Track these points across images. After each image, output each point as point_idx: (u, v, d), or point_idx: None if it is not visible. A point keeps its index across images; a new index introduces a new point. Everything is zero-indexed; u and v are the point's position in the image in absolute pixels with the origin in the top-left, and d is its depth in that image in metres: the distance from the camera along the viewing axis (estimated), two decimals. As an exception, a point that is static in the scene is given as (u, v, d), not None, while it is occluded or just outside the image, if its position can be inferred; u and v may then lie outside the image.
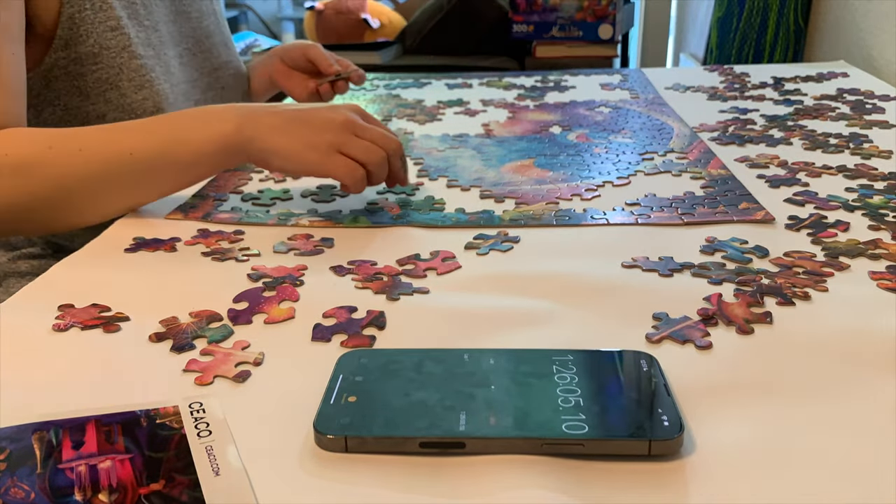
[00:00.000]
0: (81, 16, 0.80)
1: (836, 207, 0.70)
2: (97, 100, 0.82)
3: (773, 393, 0.44)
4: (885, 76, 1.27)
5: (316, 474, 0.39)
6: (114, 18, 0.82)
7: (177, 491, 0.37)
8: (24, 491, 0.37)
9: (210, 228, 0.70)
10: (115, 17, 0.82)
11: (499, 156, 0.89)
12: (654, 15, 2.91)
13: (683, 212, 0.70)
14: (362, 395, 0.43)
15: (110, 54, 0.82)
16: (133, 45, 0.84)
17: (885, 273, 0.58)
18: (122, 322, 0.54)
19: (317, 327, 0.53)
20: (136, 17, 0.86)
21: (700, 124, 0.98)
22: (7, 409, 0.44)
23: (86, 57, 0.81)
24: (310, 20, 2.78)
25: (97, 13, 0.81)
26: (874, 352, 0.47)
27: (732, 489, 0.37)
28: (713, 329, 0.51)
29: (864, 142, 0.88)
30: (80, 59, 0.81)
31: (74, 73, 0.81)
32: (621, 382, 0.44)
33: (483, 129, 1.01)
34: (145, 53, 0.86)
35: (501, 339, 0.50)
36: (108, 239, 0.68)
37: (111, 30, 0.82)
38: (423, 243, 0.66)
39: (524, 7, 2.16)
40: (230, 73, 1.05)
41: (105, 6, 0.81)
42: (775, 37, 1.67)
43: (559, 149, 0.91)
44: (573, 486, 0.37)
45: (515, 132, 0.99)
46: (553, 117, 1.06)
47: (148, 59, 0.86)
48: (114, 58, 0.82)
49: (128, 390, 0.46)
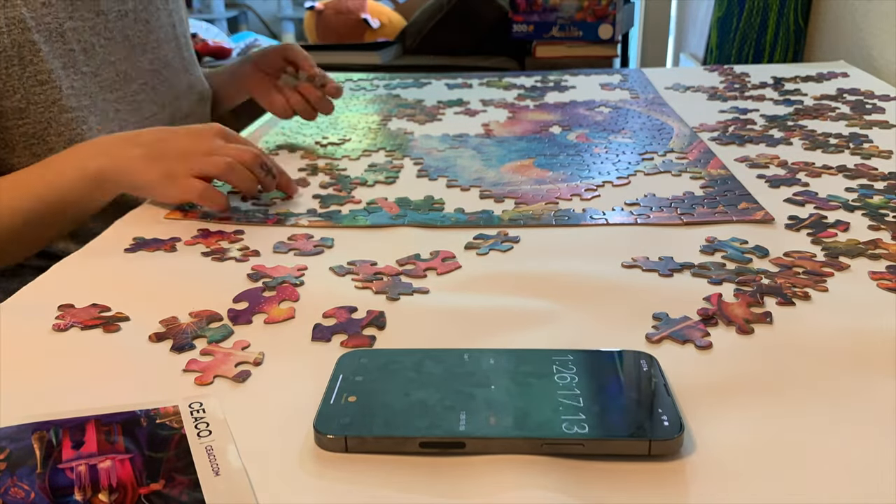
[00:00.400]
0: (8, 71, 0.77)
1: (836, 207, 0.70)
2: (23, 153, 0.80)
3: (772, 393, 0.44)
4: (885, 76, 1.27)
5: (316, 474, 0.39)
6: (44, 72, 0.79)
7: (177, 491, 0.37)
8: (24, 491, 0.37)
9: (210, 228, 0.70)
10: (46, 70, 0.80)
11: (499, 156, 0.89)
12: (654, 15, 2.91)
13: (683, 212, 0.70)
14: (362, 395, 0.43)
15: (38, 109, 0.80)
16: (63, 97, 0.81)
17: (885, 273, 0.58)
18: (122, 322, 0.54)
19: (317, 327, 0.53)
20: (72, 66, 0.83)
21: (700, 124, 0.98)
22: (7, 409, 0.44)
23: (11, 112, 0.78)
24: (310, 20, 2.78)
25: (25, 67, 0.78)
26: (874, 352, 0.47)
27: (732, 489, 0.37)
28: (713, 329, 0.51)
29: (864, 142, 0.88)
30: (5, 114, 0.78)
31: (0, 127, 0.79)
32: (621, 382, 0.44)
33: (483, 129, 1.01)
34: (78, 105, 0.83)
35: (501, 339, 0.50)
36: (108, 239, 0.68)
37: (40, 84, 0.79)
38: (423, 243, 0.66)
39: (524, 7, 2.16)
40: (193, 98, 1.04)
41: (35, 59, 0.79)
42: (775, 37, 1.67)
43: (559, 149, 0.91)
44: (573, 486, 0.37)
45: (515, 132, 0.99)
46: (553, 117, 1.06)
47: (80, 111, 0.83)
48: (41, 112, 0.80)
49: (128, 390, 0.46)
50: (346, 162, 0.89)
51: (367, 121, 1.08)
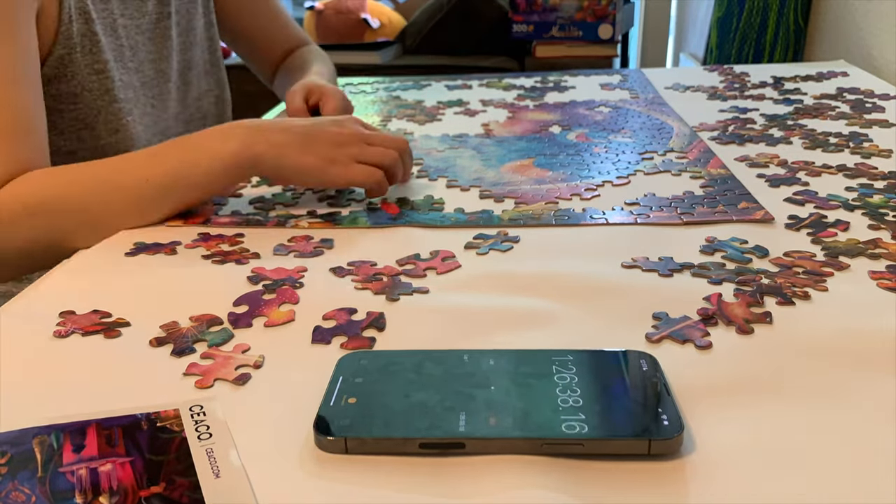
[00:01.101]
0: (71, 57, 0.80)
1: (836, 207, 0.70)
2: (70, 137, 0.83)
3: (772, 393, 0.44)
4: (885, 75, 1.27)
5: (316, 475, 0.39)
6: (101, 62, 0.83)
7: (177, 493, 0.37)
8: (24, 495, 0.37)
9: (210, 232, 0.70)
10: (103, 60, 0.83)
11: (498, 156, 0.89)
12: (654, 15, 2.91)
13: (683, 211, 0.70)
14: (362, 397, 0.43)
15: (91, 96, 0.83)
16: (115, 88, 0.85)
17: (885, 273, 0.58)
18: (123, 328, 0.54)
19: (317, 329, 0.53)
20: (121, 60, 0.87)
21: (700, 124, 0.98)
22: (8, 414, 0.44)
23: (66, 96, 0.81)
24: (310, 20, 2.78)
25: (86, 56, 0.81)
26: (874, 351, 0.47)
27: (732, 489, 0.37)
28: (713, 329, 0.51)
29: (864, 141, 0.88)
30: (60, 97, 0.81)
31: (52, 109, 0.81)
32: (621, 382, 0.44)
33: (483, 128, 1.01)
34: (125, 97, 0.86)
35: (501, 339, 0.50)
36: (109, 244, 0.68)
37: (97, 73, 0.83)
38: (423, 243, 0.66)
39: (524, 7, 2.16)
40: (211, 101, 1.05)
41: (95, 49, 0.82)
42: (775, 36, 1.67)
43: (559, 148, 0.91)
44: (573, 486, 0.37)
45: (515, 132, 0.99)
46: (553, 117, 1.06)
47: (127, 103, 0.87)
48: (94, 100, 0.83)
49: (129, 395, 0.46)
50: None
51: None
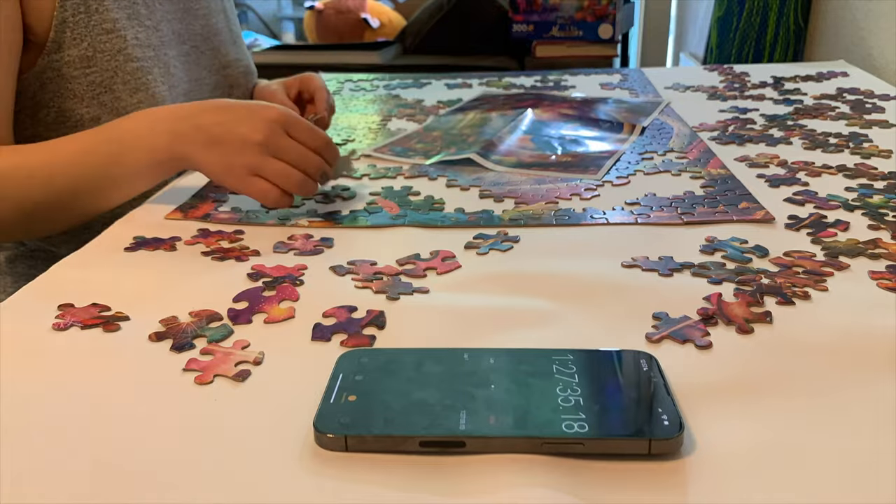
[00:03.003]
0: (75, 19, 0.79)
1: (836, 207, 0.70)
2: (91, 103, 0.82)
3: (772, 393, 0.44)
4: (884, 76, 1.27)
5: (316, 473, 0.39)
6: (109, 21, 0.82)
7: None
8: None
9: (210, 228, 0.70)
10: (111, 19, 0.82)
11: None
12: (654, 14, 2.91)
13: (683, 211, 0.70)
14: (362, 395, 0.43)
15: (104, 57, 0.82)
16: (129, 47, 0.83)
17: (885, 273, 0.58)
18: (122, 321, 0.54)
19: (317, 327, 0.53)
20: (136, 17, 0.86)
21: (700, 124, 0.98)
22: (6, 408, 0.44)
23: (79, 60, 0.80)
24: (309, 20, 2.78)
25: (91, 16, 0.81)
26: (874, 352, 0.47)
27: (732, 489, 0.37)
28: (713, 329, 0.51)
29: (864, 141, 0.88)
30: (72, 63, 0.80)
31: (67, 76, 0.80)
32: (621, 382, 0.44)
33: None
34: (143, 55, 0.85)
35: (501, 338, 0.50)
36: (108, 238, 0.68)
37: (106, 32, 0.82)
38: (423, 243, 0.66)
39: (524, 7, 2.16)
40: (240, 70, 1.05)
41: (101, 9, 0.81)
42: (775, 36, 1.67)
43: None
44: (573, 486, 0.37)
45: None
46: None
47: (145, 62, 0.85)
48: (108, 61, 0.82)
49: (127, 390, 0.46)
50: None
51: (367, 121, 1.08)
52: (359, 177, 0.83)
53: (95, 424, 0.43)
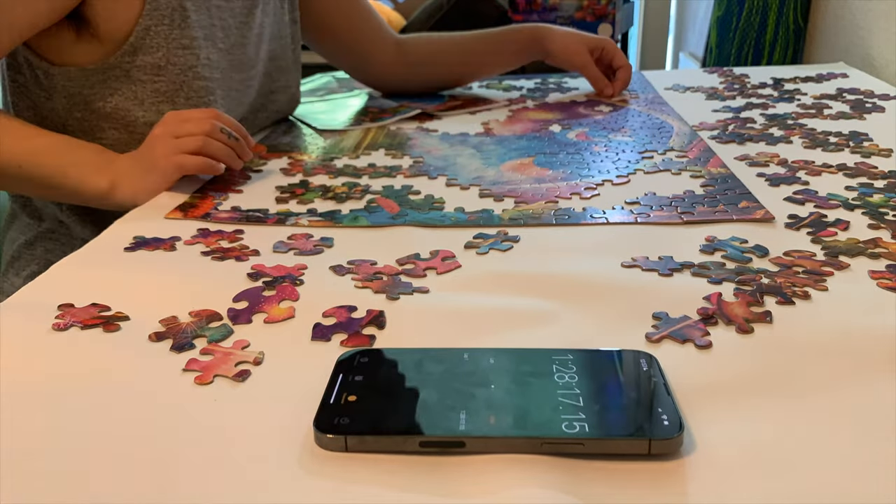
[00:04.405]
0: (157, 29, 0.82)
1: (836, 206, 0.70)
2: (150, 108, 0.84)
3: (773, 392, 0.44)
4: (884, 76, 1.27)
5: (316, 474, 0.39)
6: (188, 38, 0.84)
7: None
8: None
9: (210, 228, 0.70)
10: (190, 36, 0.84)
11: (498, 154, 0.89)
12: (654, 14, 2.91)
13: (683, 210, 0.70)
14: (362, 395, 0.43)
15: (175, 70, 0.84)
16: (200, 66, 0.86)
17: (885, 272, 0.58)
18: (122, 321, 0.54)
19: (317, 326, 0.53)
20: (211, 39, 0.88)
21: (700, 123, 0.98)
22: (6, 408, 0.44)
23: (150, 67, 0.83)
24: (309, 19, 2.77)
25: (174, 30, 0.83)
26: (874, 351, 0.47)
27: (732, 489, 0.37)
28: (713, 328, 0.51)
29: (864, 140, 0.88)
30: (143, 68, 0.83)
31: (135, 79, 0.83)
32: (621, 382, 0.44)
33: (483, 127, 1.01)
34: (210, 76, 0.87)
35: (501, 338, 0.50)
36: (108, 238, 0.68)
37: (183, 48, 0.84)
38: (423, 243, 0.66)
39: (524, 6, 2.16)
40: (285, 98, 1.05)
41: (184, 25, 0.83)
42: (775, 36, 1.67)
43: (559, 147, 0.91)
44: (573, 486, 0.37)
45: (515, 131, 0.99)
46: (553, 116, 1.06)
47: (211, 82, 0.88)
48: (177, 74, 0.84)
49: (127, 390, 0.46)
50: (345, 161, 0.89)
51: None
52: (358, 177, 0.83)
53: (95, 424, 0.43)
